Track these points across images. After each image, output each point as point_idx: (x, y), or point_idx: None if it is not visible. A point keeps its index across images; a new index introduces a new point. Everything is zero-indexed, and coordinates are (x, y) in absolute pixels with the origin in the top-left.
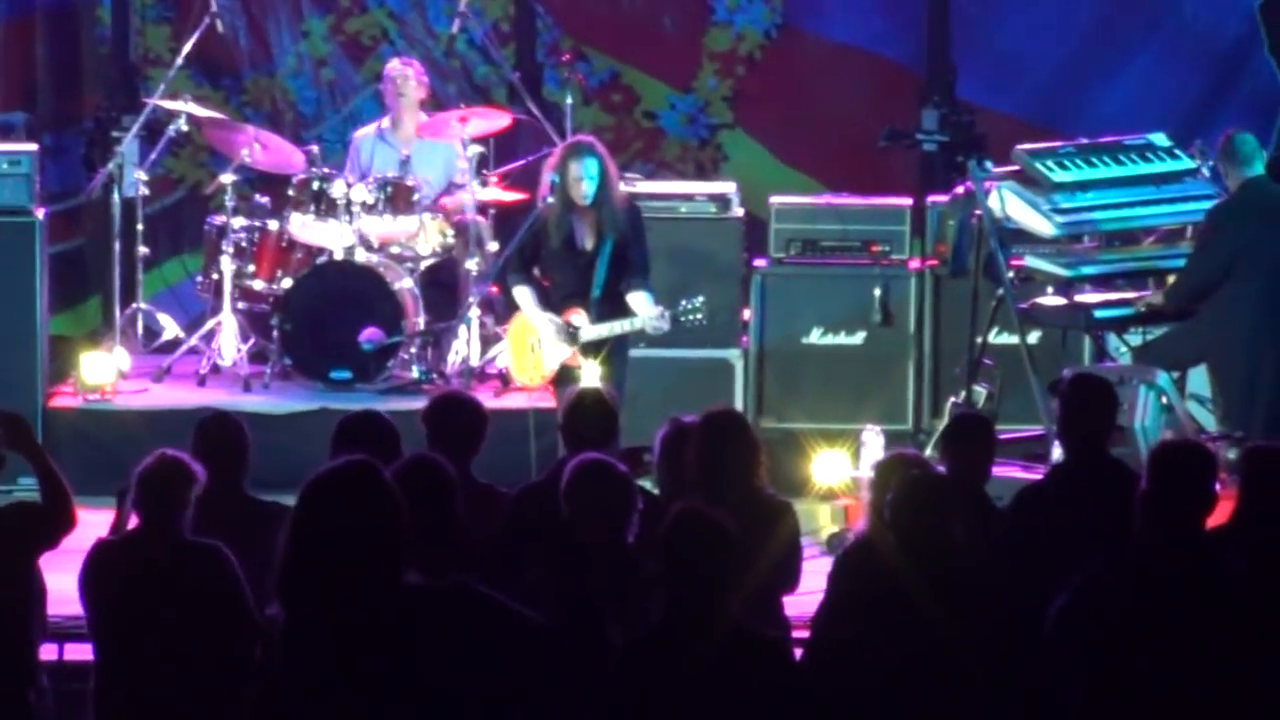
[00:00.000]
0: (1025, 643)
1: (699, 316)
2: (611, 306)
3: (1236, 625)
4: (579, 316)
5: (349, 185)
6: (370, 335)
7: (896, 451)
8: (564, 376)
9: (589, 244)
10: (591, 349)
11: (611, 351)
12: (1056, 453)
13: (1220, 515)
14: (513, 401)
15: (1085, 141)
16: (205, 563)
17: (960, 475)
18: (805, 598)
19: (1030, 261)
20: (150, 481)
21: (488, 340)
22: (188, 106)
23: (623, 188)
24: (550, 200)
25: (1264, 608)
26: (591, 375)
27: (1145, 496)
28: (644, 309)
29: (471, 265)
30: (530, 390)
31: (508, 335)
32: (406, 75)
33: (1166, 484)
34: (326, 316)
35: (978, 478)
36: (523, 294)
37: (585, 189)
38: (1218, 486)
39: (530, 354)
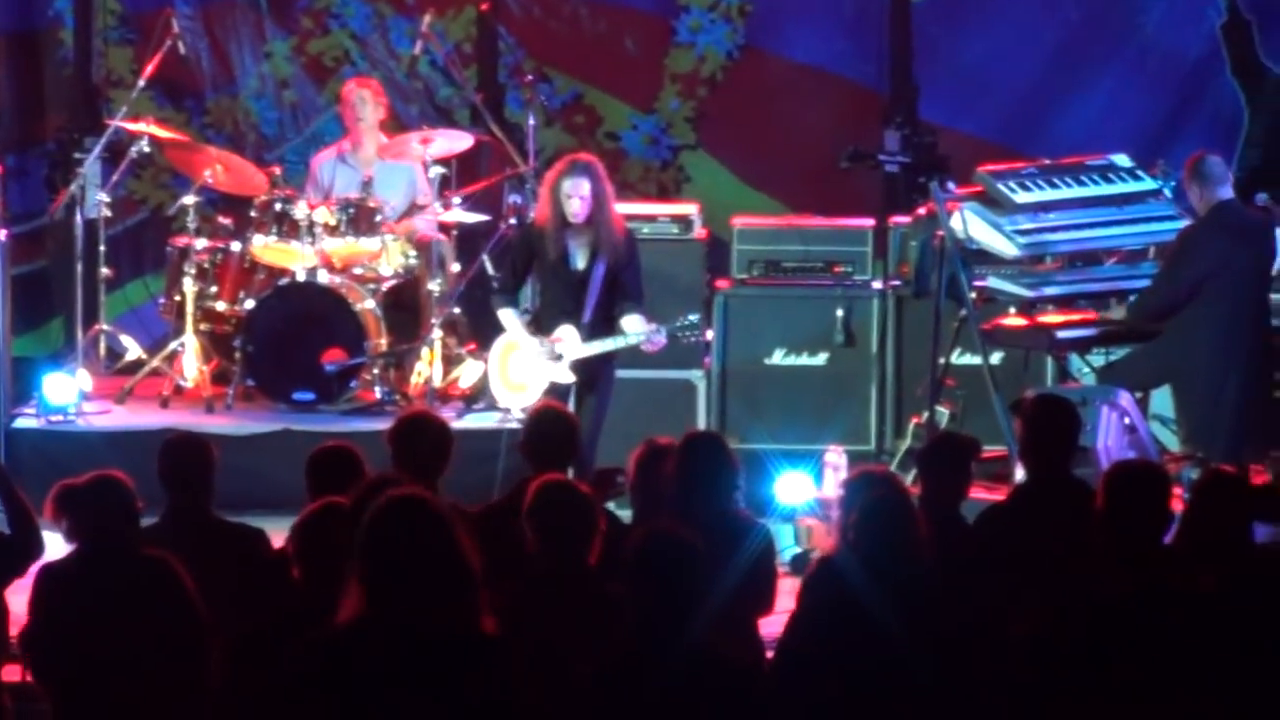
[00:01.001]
0: (986, 661)
1: (696, 334)
2: (602, 327)
3: (1189, 643)
4: (569, 331)
5: (311, 207)
6: (332, 357)
7: (865, 468)
8: (554, 395)
9: (581, 263)
10: (581, 367)
11: (597, 371)
12: (1019, 473)
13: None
14: (482, 421)
15: (1047, 162)
16: (154, 575)
17: (934, 495)
18: (780, 618)
19: (992, 282)
20: (84, 501)
21: (451, 361)
22: (150, 128)
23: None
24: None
25: (1215, 625)
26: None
27: (1100, 516)
28: (636, 326)
29: (434, 286)
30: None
31: (493, 357)
32: (364, 98)
33: (1120, 504)
34: (289, 338)
35: (952, 499)
36: (507, 316)
37: (575, 206)
38: (1177, 506)
39: (514, 376)
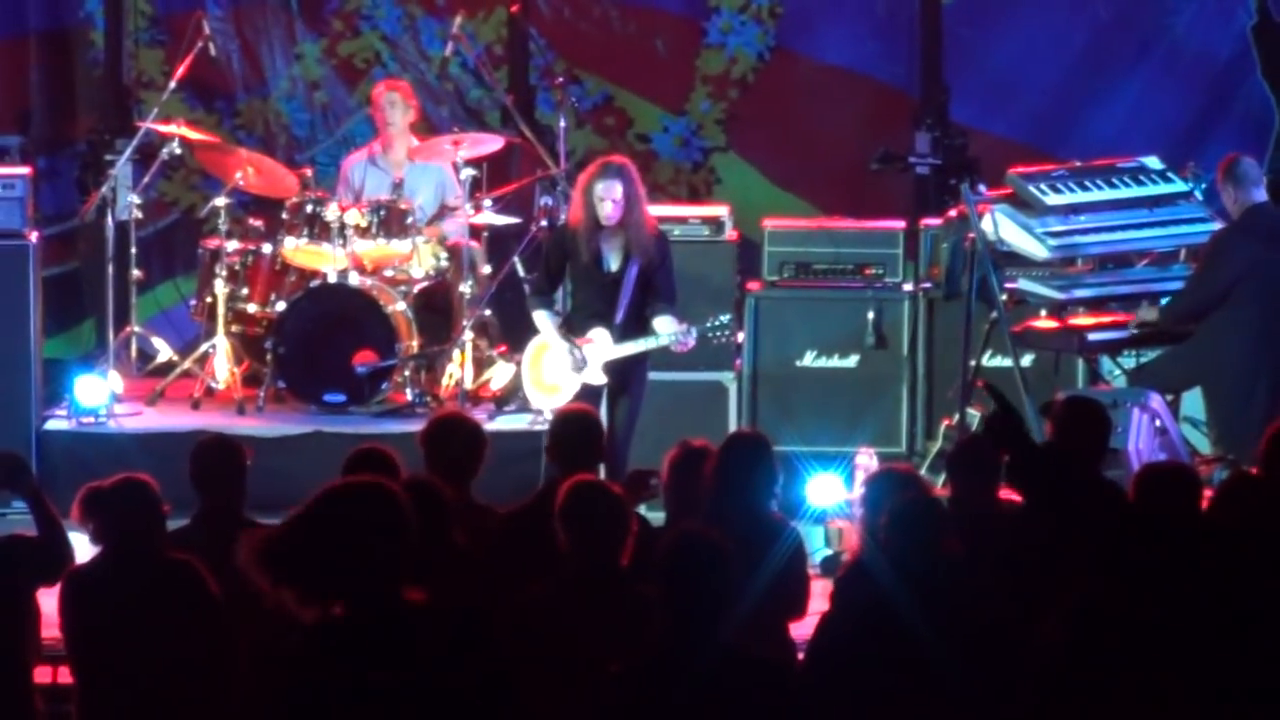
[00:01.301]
0: (1016, 663)
1: (726, 333)
2: (634, 328)
3: (1219, 643)
4: (602, 334)
5: (342, 209)
6: (364, 358)
7: (888, 467)
8: (587, 396)
9: (614, 265)
10: (614, 369)
11: (630, 373)
12: None
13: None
14: (513, 423)
15: (1078, 164)
16: (178, 578)
17: (964, 497)
18: (812, 620)
19: (1023, 284)
20: (111, 503)
21: (482, 363)
22: (181, 130)
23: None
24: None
25: (1244, 626)
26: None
27: (1132, 517)
28: (668, 327)
29: (465, 288)
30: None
31: (526, 358)
32: (393, 100)
33: (1152, 506)
34: (320, 340)
35: (981, 500)
36: (541, 318)
37: (607, 209)
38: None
39: (549, 377)
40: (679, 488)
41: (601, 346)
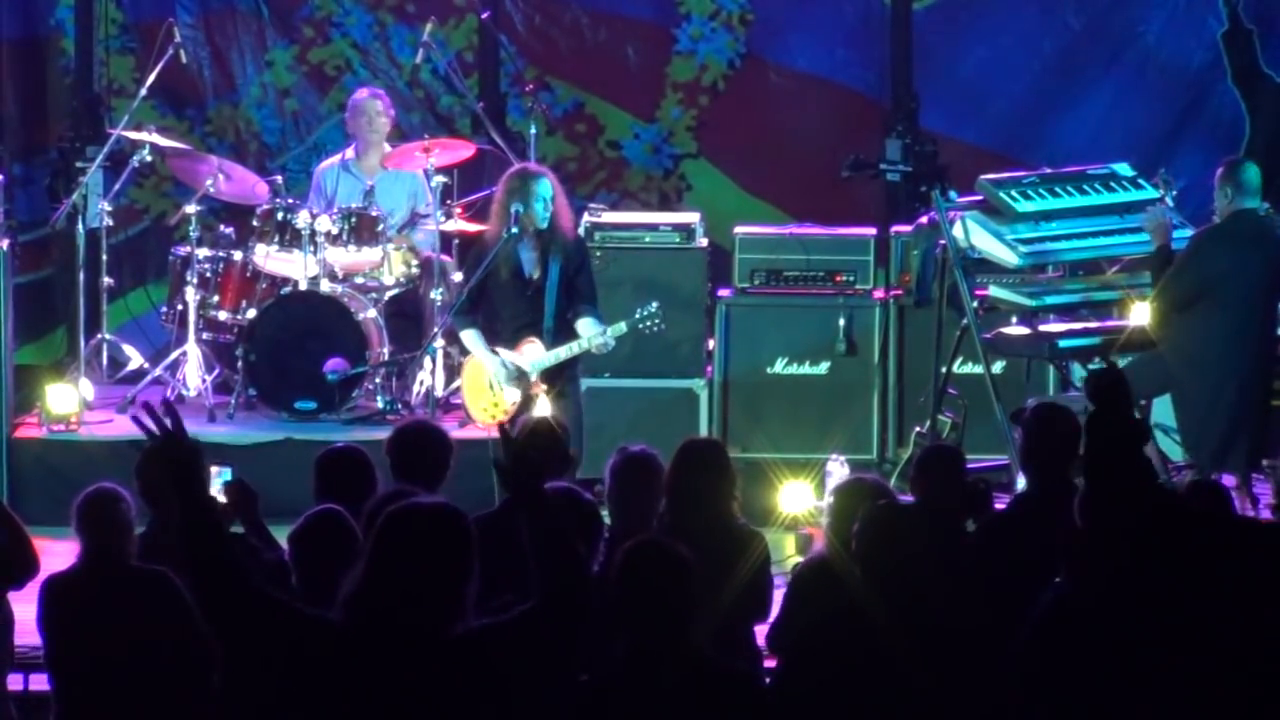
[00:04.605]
0: (990, 669)
1: (657, 322)
2: (565, 333)
3: (1196, 646)
4: (534, 346)
5: (313, 216)
6: (334, 366)
7: (856, 477)
8: (527, 407)
9: (535, 273)
10: (548, 376)
11: (565, 379)
12: (1020, 482)
13: None
14: (475, 431)
15: (1049, 171)
16: (152, 588)
17: (929, 506)
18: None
19: (994, 291)
20: (87, 513)
21: (452, 371)
22: (151, 137)
23: (574, 216)
24: (515, 231)
25: (1215, 627)
26: (544, 406)
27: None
28: (587, 330)
29: (435, 296)
30: (488, 427)
31: (463, 375)
32: (378, 109)
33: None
34: (291, 347)
35: (947, 508)
36: (469, 337)
37: (548, 210)
38: None
39: (489, 392)
40: (622, 495)
41: (534, 356)
